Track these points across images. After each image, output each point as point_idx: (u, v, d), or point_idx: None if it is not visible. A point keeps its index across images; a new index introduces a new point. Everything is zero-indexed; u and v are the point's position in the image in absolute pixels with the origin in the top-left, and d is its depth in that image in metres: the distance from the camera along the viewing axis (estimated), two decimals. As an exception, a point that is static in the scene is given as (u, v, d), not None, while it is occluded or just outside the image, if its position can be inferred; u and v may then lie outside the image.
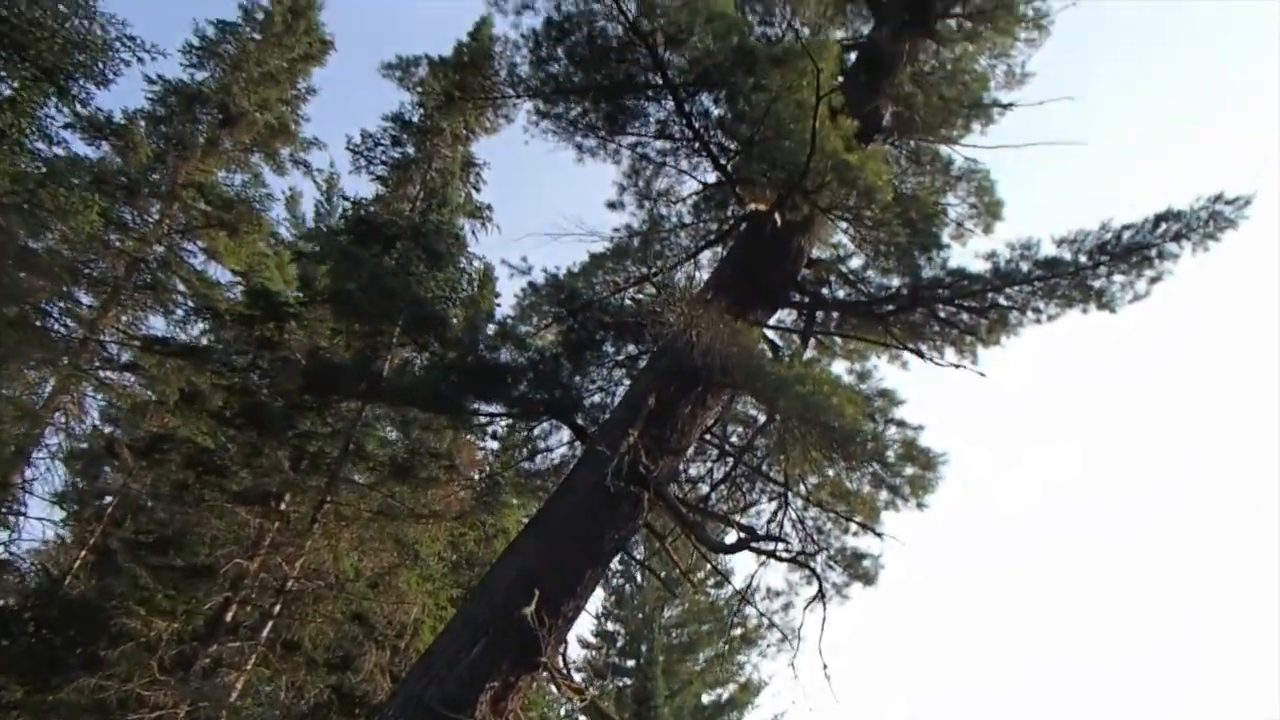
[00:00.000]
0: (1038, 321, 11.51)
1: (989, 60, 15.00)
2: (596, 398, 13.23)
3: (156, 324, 19.56)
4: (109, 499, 18.08)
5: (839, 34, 15.72)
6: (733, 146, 11.35)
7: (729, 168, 11.40)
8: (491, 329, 13.18)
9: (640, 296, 13.66)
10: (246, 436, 14.90)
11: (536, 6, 10.15)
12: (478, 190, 19.94)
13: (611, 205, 12.67)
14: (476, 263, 18.34)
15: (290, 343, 15.65)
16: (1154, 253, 10.82)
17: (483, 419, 13.39)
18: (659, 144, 11.73)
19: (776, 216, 11.21)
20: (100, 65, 14.36)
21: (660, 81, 10.54)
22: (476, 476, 19.61)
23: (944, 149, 13.83)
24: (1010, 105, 13.54)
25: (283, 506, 15.45)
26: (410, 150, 19.04)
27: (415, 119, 19.04)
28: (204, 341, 18.97)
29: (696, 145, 11.30)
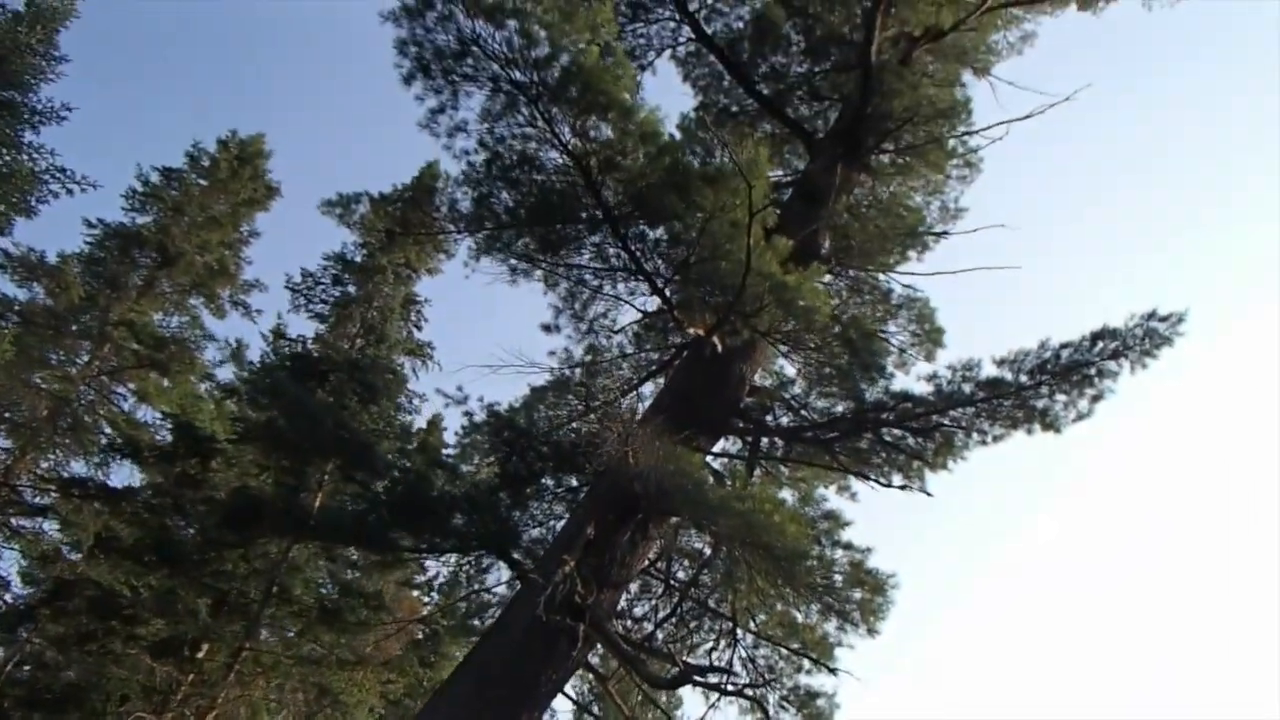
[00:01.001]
0: (983, 443, 11.32)
1: (924, 197, 15.38)
2: (536, 532, 12.70)
3: (77, 467, 18.73)
4: (2, 653, 16.77)
5: (778, 172, 16.13)
6: (670, 270, 11.28)
7: (667, 292, 11.29)
8: (426, 462, 12.69)
9: (581, 428, 13.32)
10: (162, 580, 14.02)
11: (470, 129, 10.13)
12: (419, 329, 19.78)
13: (547, 328, 12.45)
14: (417, 401, 17.99)
15: (215, 481, 15.00)
16: (1093, 371, 10.78)
17: (415, 555, 12.72)
18: (596, 268, 11.63)
19: (716, 341, 11.05)
20: (28, 197, 14.13)
21: (596, 204, 10.50)
22: (416, 626, 18.64)
23: (882, 277, 13.93)
24: (945, 233, 13.74)
25: (198, 655, 14.41)
26: (351, 289, 18.91)
27: (357, 258, 18.99)
28: (125, 483, 18.17)
29: (634, 269, 11.20)
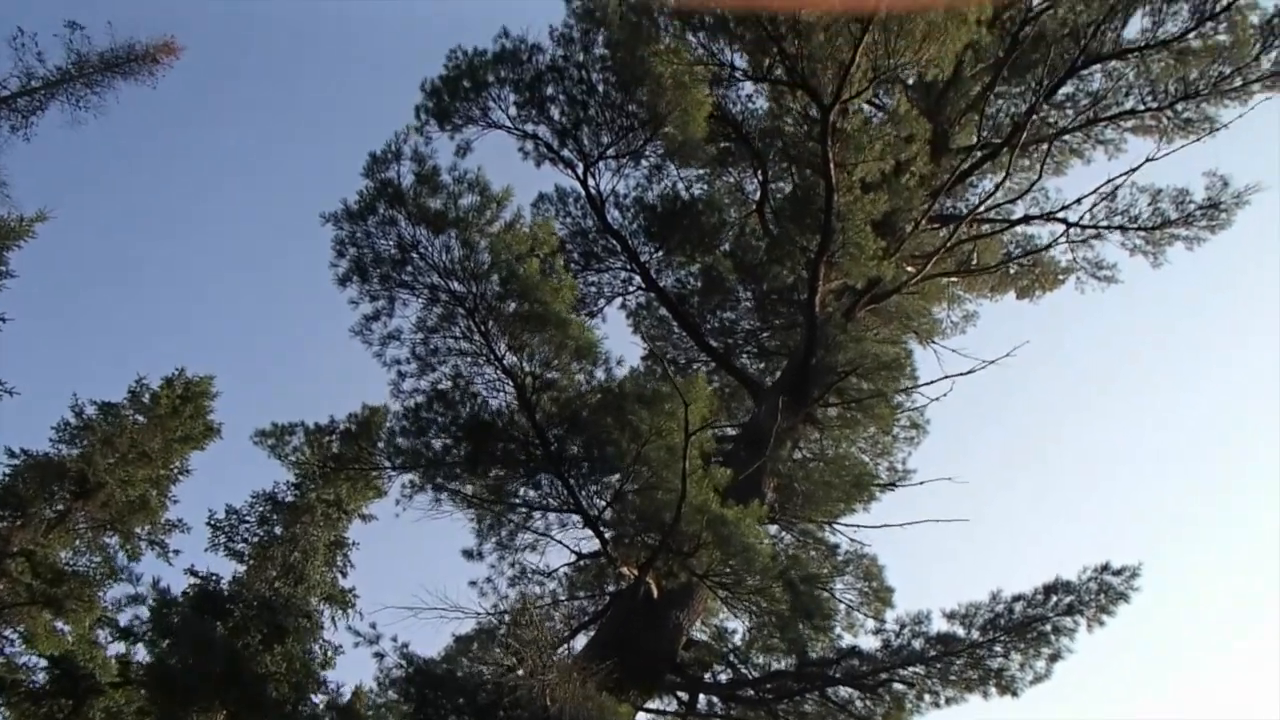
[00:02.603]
0: (936, 705, 10.39)
1: (872, 458, 15.19)
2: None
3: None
4: None
5: (726, 424, 15.99)
6: (604, 503, 10.72)
7: (602, 527, 10.66)
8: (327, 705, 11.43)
9: (507, 682, 12.19)
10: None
11: (404, 338, 9.89)
12: (344, 575, 18.67)
13: (469, 554, 11.65)
14: (332, 652, 16.58)
15: (87, 727, 13.33)
16: (1048, 628, 10.12)
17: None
18: (528, 500, 11.04)
19: (652, 584, 10.36)
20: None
21: (531, 426, 10.09)
22: None
23: (828, 530, 13.43)
24: (893, 485, 13.41)
25: None
26: (277, 530, 17.98)
27: (289, 496, 18.23)
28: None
29: (567, 500, 10.61)
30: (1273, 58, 15.60)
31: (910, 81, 16.77)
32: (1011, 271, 19.81)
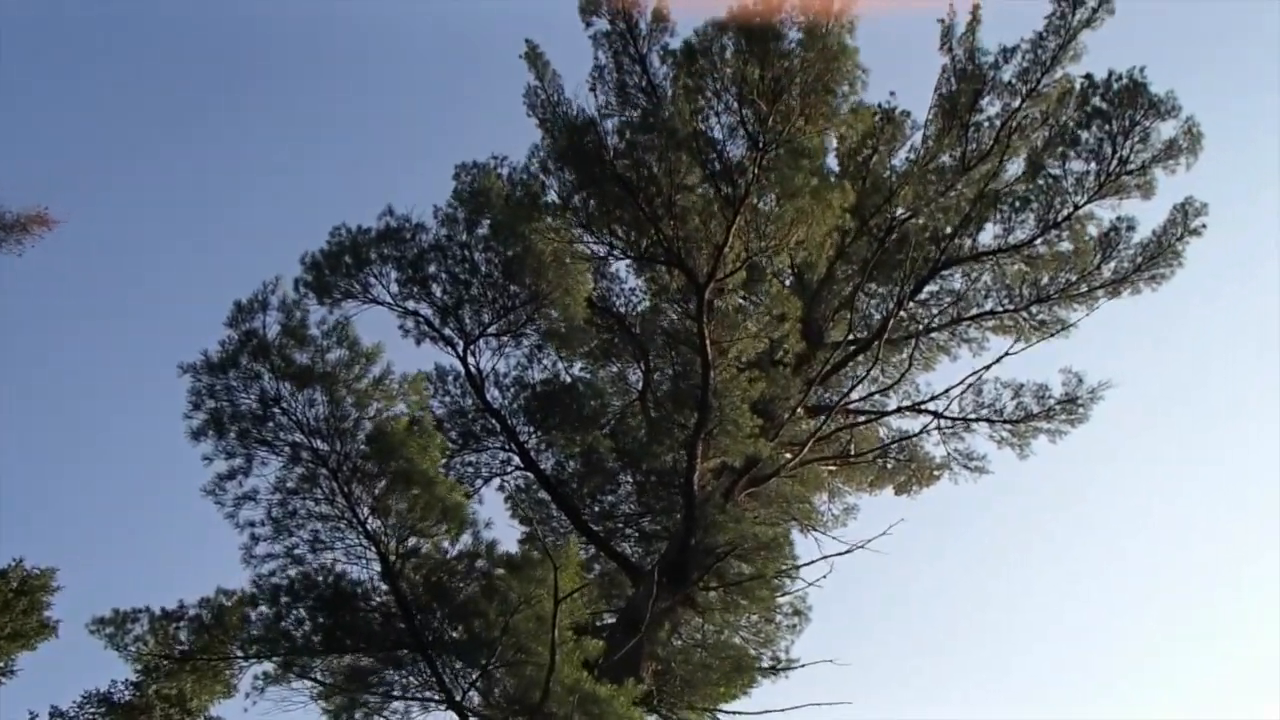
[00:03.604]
0: None
1: (756, 649, 14.80)
2: None
3: None
4: None
5: (606, 610, 15.46)
6: (466, 682, 10.05)
7: (463, 706, 9.94)
8: None
9: None
10: None
11: (260, 499, 9.37)
12: (185, 786, 16.78)
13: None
14: None
15: None
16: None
17: None
18: (388, 676, 10.28)
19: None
20: None
21: (393, 597, 9.54)
22: None
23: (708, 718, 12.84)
24: (774, 669, 13.02)
25: None
26: (109, 734, 16.22)
27: (124, 697, 16.58)
28: None
29: (428, 676, 9.91)
30: (1112, 267, 17.02)
31: (788, 283, 17.72)
32: (889, 466, 20.28)
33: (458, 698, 10.03)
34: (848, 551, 13.45)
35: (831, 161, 16.55)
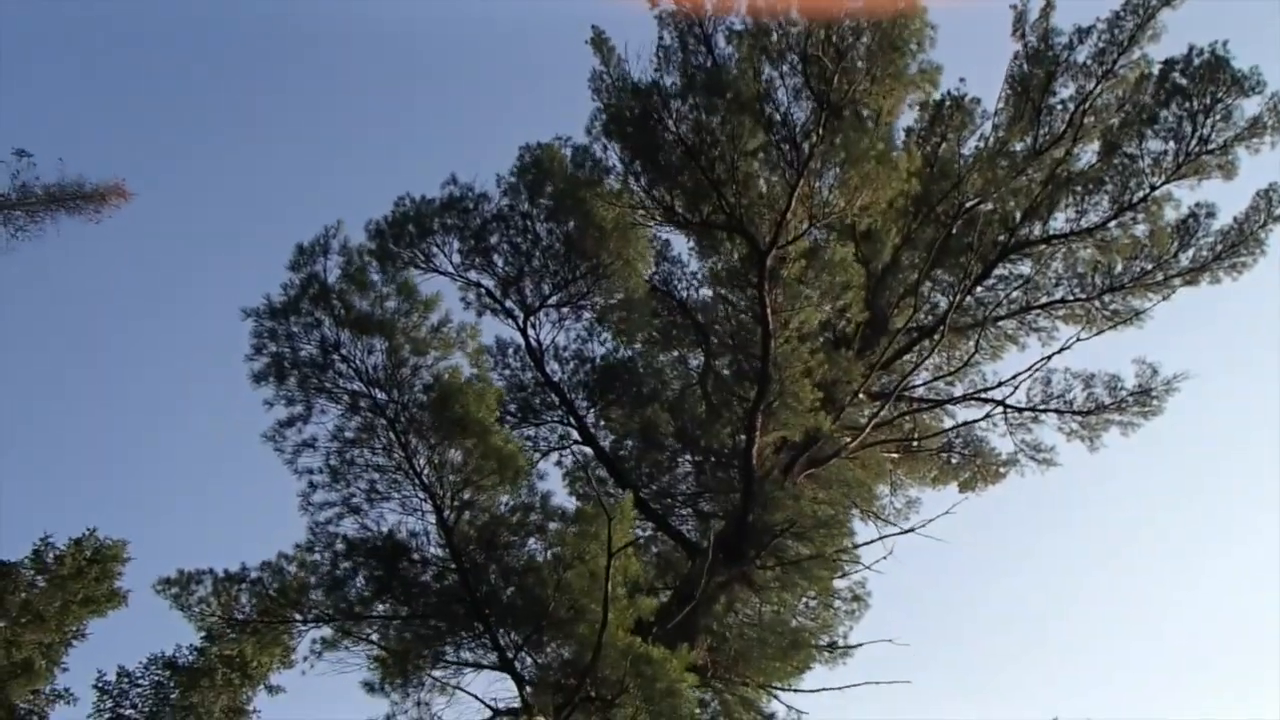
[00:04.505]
0: None
1: (813, 634, 14.54)
2: None
3: None
4: None
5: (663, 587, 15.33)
6: (521, 638, 9.99)
7: (514, 665, 9.88)
8: None
9: None
10: None
11: (319, 446, 9.44)
12: (242, 752, 17.01)
13: (370, 687, 10.65)
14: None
15: None
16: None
17: None
18: (439, 628, 10.26)
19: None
20: None
21: (447, 549, 9.54)
22: None
23: (765, 697, 12.62)
24: (832, 646, 12.76)
25: None
26: (173, 695, 16.50)
27: (188, 660, 16.85)
28: None
29: (481, 634, 9.88)
30: (1190, 254, 16.46)
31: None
32: (953, 461, 19.84)
33: (510, 655, 10.01)
34: (907, 531, 13.13)
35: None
